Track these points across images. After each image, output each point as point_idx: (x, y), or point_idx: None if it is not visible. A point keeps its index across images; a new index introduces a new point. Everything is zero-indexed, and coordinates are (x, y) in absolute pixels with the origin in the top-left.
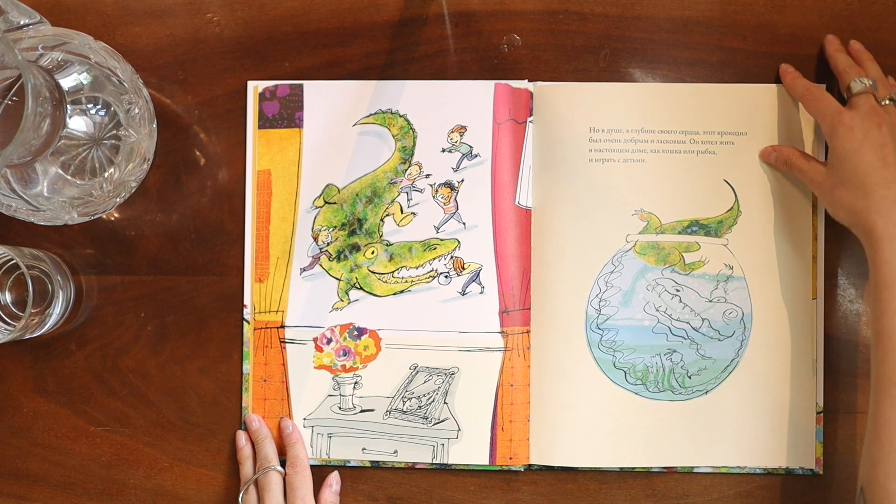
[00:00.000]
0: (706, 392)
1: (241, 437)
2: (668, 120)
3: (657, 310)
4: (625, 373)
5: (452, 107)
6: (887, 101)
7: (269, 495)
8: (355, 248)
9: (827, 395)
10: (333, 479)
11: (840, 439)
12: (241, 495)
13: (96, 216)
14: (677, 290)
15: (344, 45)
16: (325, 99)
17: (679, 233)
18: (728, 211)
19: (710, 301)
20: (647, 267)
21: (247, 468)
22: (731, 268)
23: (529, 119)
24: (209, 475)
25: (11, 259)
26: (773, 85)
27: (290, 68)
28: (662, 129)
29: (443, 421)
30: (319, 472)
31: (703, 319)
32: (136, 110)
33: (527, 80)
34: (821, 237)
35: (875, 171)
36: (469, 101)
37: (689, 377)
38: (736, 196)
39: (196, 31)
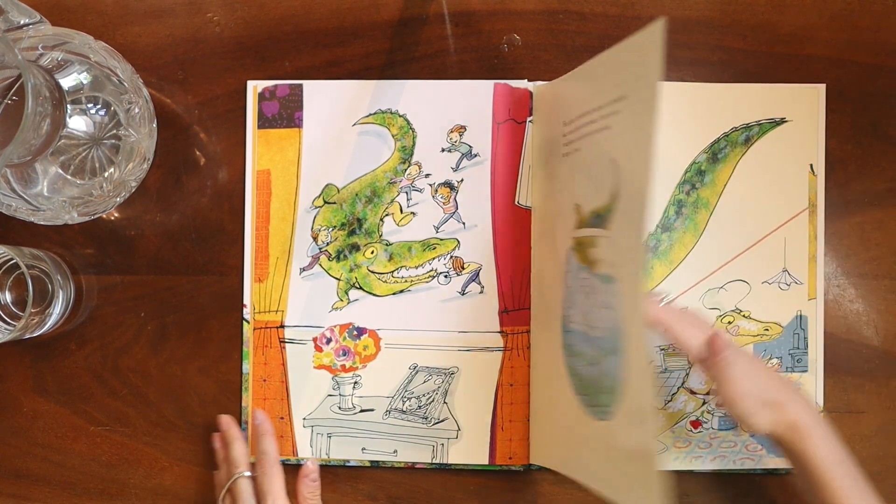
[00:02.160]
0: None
1: (216, 439)
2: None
3: (583, 314)
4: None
5: (452, 106)
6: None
7: (241, 502)
8: (355, 247)
9: (827, 396)
10: (310, 469)
11: (840, 439)
12: (218, 502)
13: (96, 216)
14: (587, 294)
15: (344, 45)
16: (325, 99)
17: (587, 226)
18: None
19: (603, 307)
20: (579, 266)
21: (222, 472)
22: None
23: (529, 119)
24: (209, 475)
25: (11, 259)
26: (781, 85)
27: (290, 68)
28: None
29: (443, 421)
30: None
31: (597, 328)
32: (136, 110)
33: (526, 80)
34: (821, 237)
35: (770, 374)
36: (469, 101)
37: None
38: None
39: (196, 31)
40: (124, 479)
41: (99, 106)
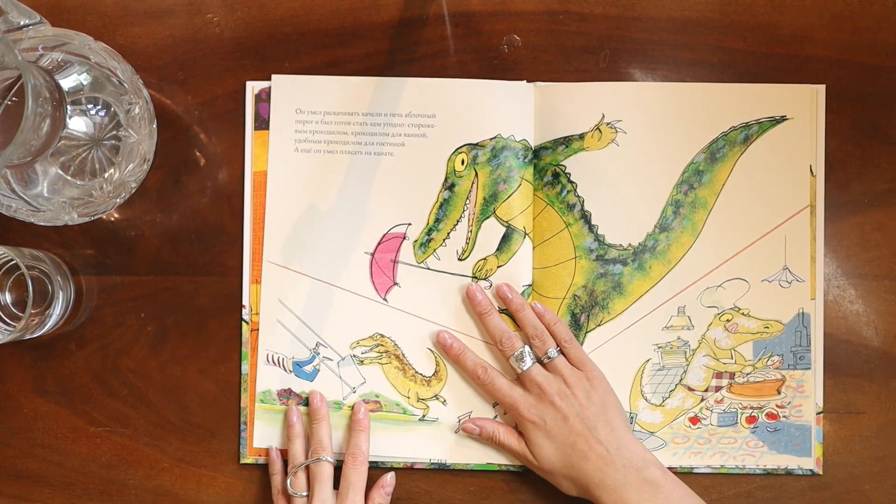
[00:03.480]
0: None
1: (294, 412)
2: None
3: None
4: None
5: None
6: (547, 358)
7: (321, 486)
8: None
9: (827, 395)
10: (388, 481)
11: (840, 439)
12: (289, 478)
13: (96, 216)
14: None
15: (344, 45)
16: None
17: None
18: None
19: None
20: None
21: (296, 447)
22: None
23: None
24: (209, 475)
25: (11, 259)
26: (781, 85)
27: (290, 69)
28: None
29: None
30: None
31: None
32: (136, 111)
33: (525, 81)
34: (820, 238)
35: (572, 451)
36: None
37: None
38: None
39: (196, 32)
40: (124, 480)
41: (99, 107)
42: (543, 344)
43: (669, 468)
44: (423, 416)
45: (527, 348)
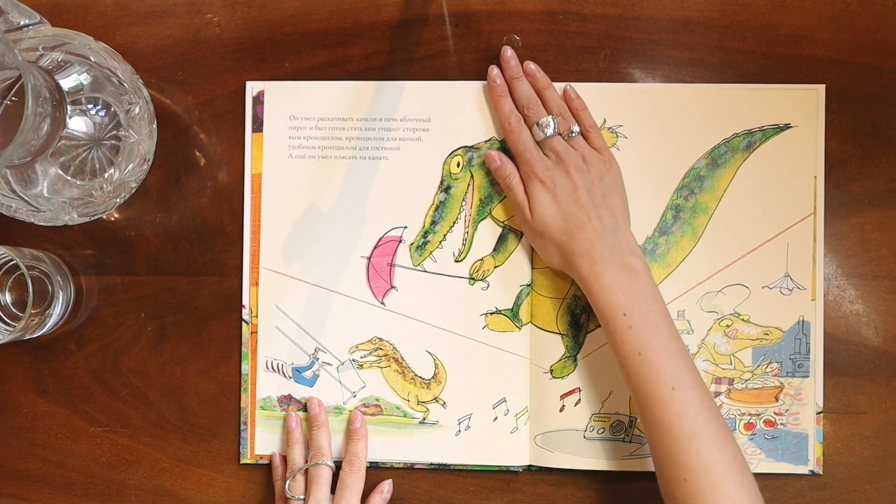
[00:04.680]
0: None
1: (293, 418)
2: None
3: None
4: None
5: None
6: (570, 134)
7: (318, 489)
8: None
9: (827, 395)
10: (386, 486)
11: (840, 439)
12: (287, 482)
13: (96, 217)
14: None
15: (344, 45)
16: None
17: None
18: None
19: None
20: None
21: (295, 453)
22: None
23: None
24: (209, 475)
25: (11, 259)
26: (780, 86)
27: (290, 69)
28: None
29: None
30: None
31: None
32: (136, 111)
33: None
34: (820, 238)
35: (570, 218)
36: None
37: None
38: None
39: (196, 32)
40: (124, 480)
41: (99, 107)
42: (566, 121)
43: None
44: (424, 419)
45: (552, 118)
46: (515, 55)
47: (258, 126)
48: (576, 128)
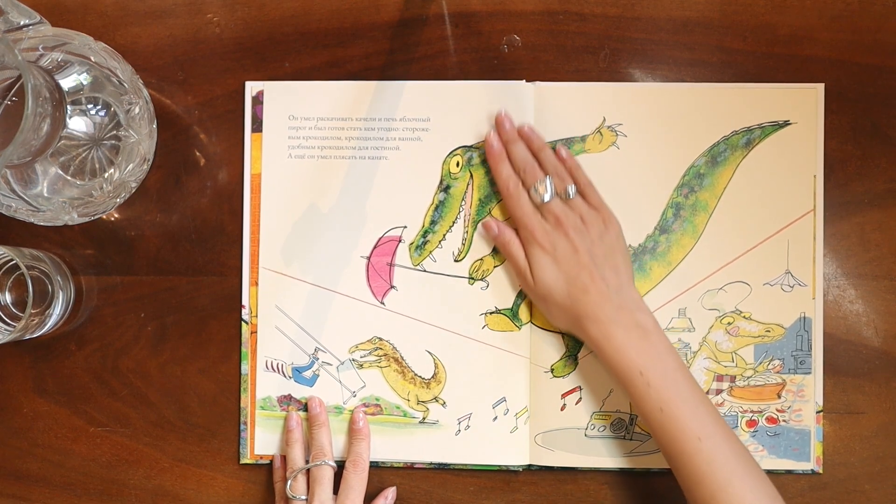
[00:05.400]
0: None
1: (293, 418)
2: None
3: None
4: None
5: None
6: (567, 195)
7: (321, 489)
8: None
9: (827, 395)
10: (390, 493)
11: (840, 439)
12: (289, 482)
13: (96, 216)
14: None
15: (344, 45)
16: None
17: None
18: None
19: None
20: None
21: (295, 452)
22: None
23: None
24: (209, 475)
25: (11, 259)
26: (779, 85)
27: (289, 69)
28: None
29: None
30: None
31: None
32: (136, 111)
33: (525, 81)
34: (820, 238)
35: (573, 281)
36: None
37: None
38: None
39: (196, 32)
40: (124, 480)
41: (99, 107)
42: (563, 182)
43: (668, 467)
44: (424, 418)
45: (549, 179)
46: (510, 118)
47: (258, 126)
48: (572, 188)
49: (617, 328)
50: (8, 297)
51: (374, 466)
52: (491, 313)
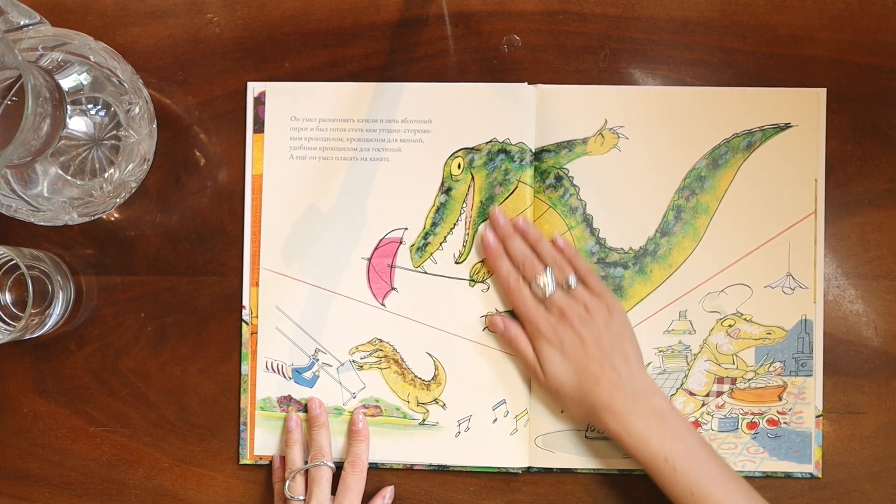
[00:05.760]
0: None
1: (293, 418)
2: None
3: None
4: None
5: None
6: (569, 286)
7: (319, 490)
8: None
9: (827, 397)
10: (388, 492)
11: (840, 440)
12: (287, 482)
13: (96, 216)
14: None
15: (344, 45)
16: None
17: None
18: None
19: None
20: None
21: (295, 453)
22: None
23: None
24: (209, 475)
25: (11, 259)
26: (782, 89)
27: (289, 69)
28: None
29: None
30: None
31: None
32: (136, 111)
33: (526, 83)
34: (820, 238)
35: (583, 372)
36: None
37: None
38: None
39: (196, 32)
40: (124, 480)
41: (99, 107)
42: (563, 272)
43: None
44: (423, 420)
45: (549, 272)
46: (504, 213)
47: (259, 127)
48: (573, 278)
49: (635, 417)
50: (8, 297)
51: (374, 467)
52: (491, 315)
